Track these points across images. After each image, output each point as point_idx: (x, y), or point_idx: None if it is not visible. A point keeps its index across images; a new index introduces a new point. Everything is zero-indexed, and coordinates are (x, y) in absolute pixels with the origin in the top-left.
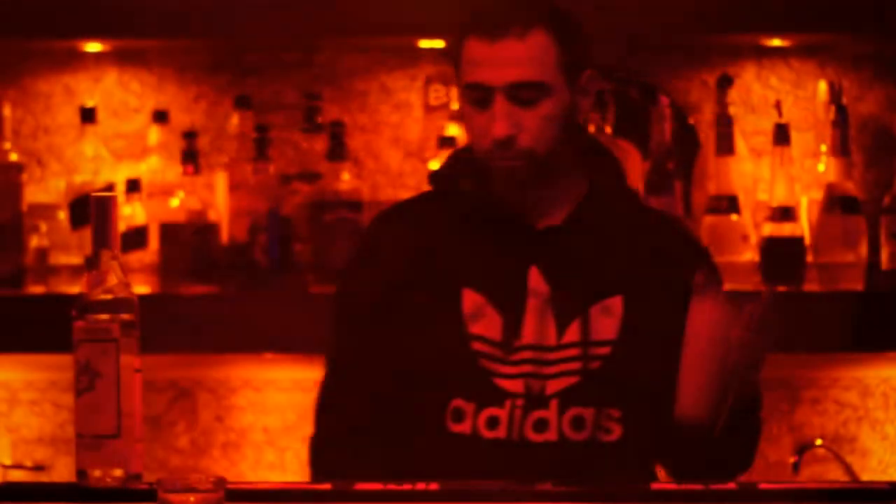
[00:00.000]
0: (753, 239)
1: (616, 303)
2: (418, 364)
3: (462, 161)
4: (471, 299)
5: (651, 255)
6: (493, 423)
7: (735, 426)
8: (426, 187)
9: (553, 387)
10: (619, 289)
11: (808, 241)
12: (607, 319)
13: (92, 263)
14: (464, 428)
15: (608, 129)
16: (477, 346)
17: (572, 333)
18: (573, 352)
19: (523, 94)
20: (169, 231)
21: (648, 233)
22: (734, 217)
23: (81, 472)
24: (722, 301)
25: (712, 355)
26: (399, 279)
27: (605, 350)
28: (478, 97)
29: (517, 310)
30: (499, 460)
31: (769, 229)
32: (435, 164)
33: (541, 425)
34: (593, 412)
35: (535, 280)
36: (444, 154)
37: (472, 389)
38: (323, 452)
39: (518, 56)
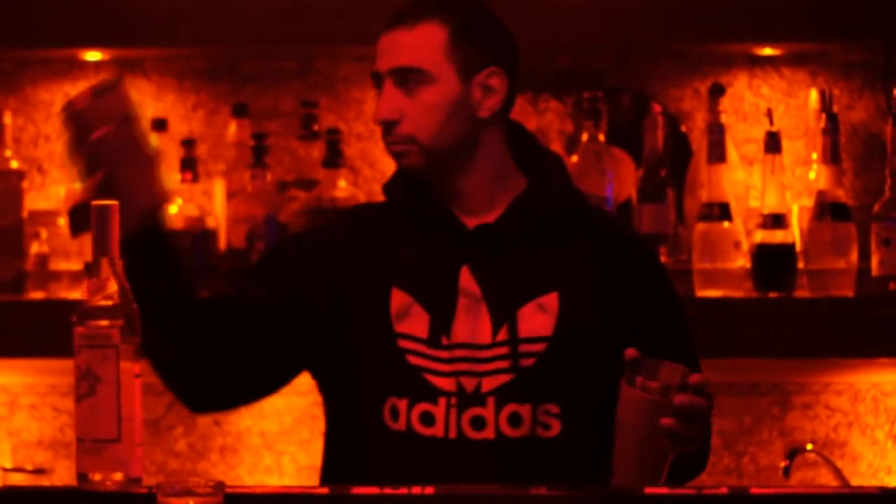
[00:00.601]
0: (745, 246)
1: (551, 300)
2: (353, 363)
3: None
4: (398, 298)
5: (589, 252)
6: (427, 419)
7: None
8: None
9: (488, 384)
10: (554, 286)
11: (799, 247)
12: (542, 316)
13: (92, 270)
14: (399, 426)
15: (601, 137)
16: (403, 343)
17: (505, 331)
18: (505, 349)
19: (404, 79)
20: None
21: (588, 231)
22: (726, 224)
23: (82, 476)
24: (649, 390)
25: (639, 440)
26: (331, 276)
27: (540, 347)
28: (375, 84)
29: (446, 309)
30: (438, 458)
31: (761, 236)
32: None
33: (478, 423)
34: (530, 408)
35: (466, 279)
36: None
37: (403, 387)
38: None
39: (404, 43)
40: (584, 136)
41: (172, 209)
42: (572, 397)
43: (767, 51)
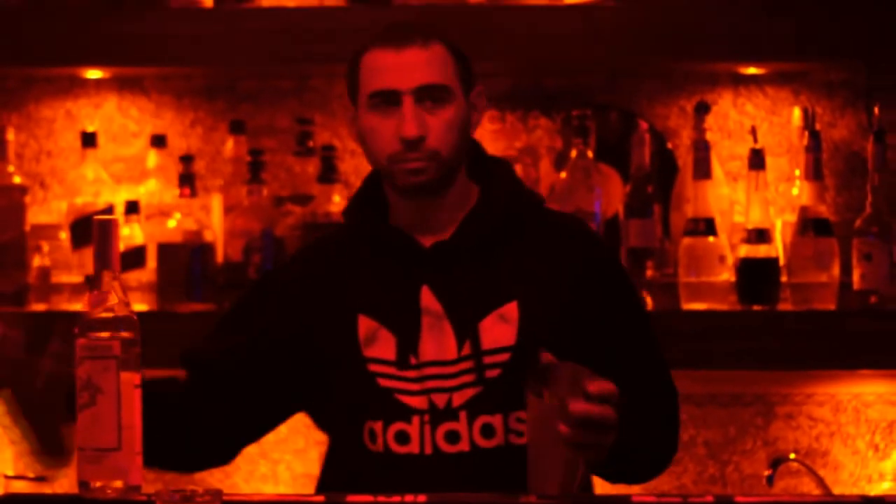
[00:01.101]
0: (730, 260)
1: (511, 309)
2: (329, 392)
3: (360, 197)
4: (365, 325)
5: (546, 255)
6: (402, 438)
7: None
8: None
9: (458, 399)
10: (513, 295)
11: (782, 262)
12: (504, 326)
13: (93, 283)
14: (377, 447)
15: (590, 154)
16: (373, 367)
17: (469, 345)
18: (470, 363)
19: (430, 96)
20: (166, 251)
21: (543, 234)
22: (711, 239)
23: (83, 484)
24: (547, 396)
25: (542, 446)
26: (299, 314)
27: (504, 357)
28: (385, 103)
29: (411, 329)
30: (417, 475)
31: (745, 251)
32: None
33: (452, 437)
34: (501, 418)
35: (427, 299)
36: None
37: (378, 410)
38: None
39: (423, 61)
40: (573, 153)
41: (171, 223)
42: None
43: (751, 70)
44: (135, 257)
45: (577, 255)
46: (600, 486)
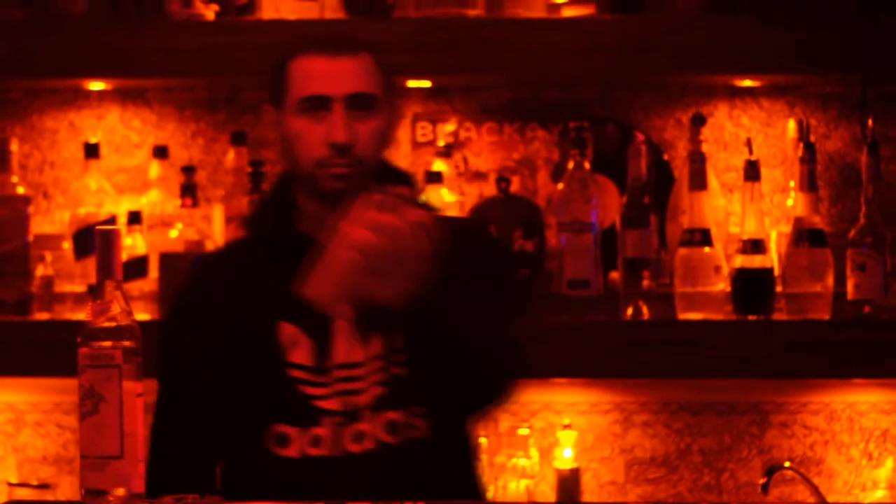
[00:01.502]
0: (725, 270)
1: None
2: (244, 396)
3: (270, 205)
4: (287, 331)
5: (446, 256)
6: (316, 442)
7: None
8: None
9: (365, 399)
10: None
11: (777, 272)
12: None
13: (96, 292)
14: (290, 452)
15: (587, 165)
16: (293, 373)
17: (375, 346)
18: (378, 364)
19: (359, 105)
20: (168, 261)
21: (444, 239)
22: (707, 249)
23: (88, 491)
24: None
25: (334, 250)
26: (219, 320)
27: (405, 356)
28: (315, 108)
29: (326, 334)
30: (329, 477)
31: (740, 261)
32: (422, 198)
33: (359, 437)
34: (402, 414)
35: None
36: (432, 188)
37: (293, 415)
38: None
39: (354, 70)
40: (570, 165)
41: (173, 233)
42: (436, 399)
43: (747, 82)
44: (137, 267)
45: (471, 252)
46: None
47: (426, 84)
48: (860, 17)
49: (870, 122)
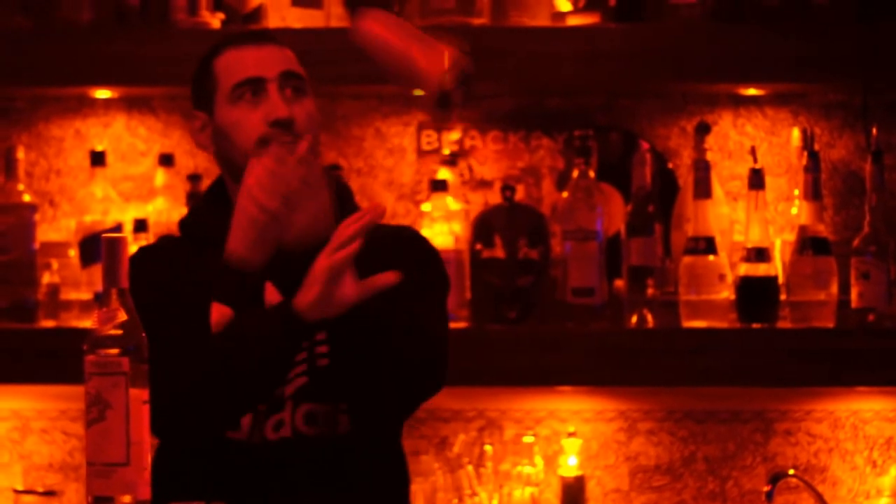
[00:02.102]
0: (730, 278)
1: None
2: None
3: (208, 207)
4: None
5: (376, 254)
6: (237, 427)
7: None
8: (419, 227)
9: (290, 388)
10: None
11: (781, 280)
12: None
13: (102, 300)
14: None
15: (591, 174)
16: None
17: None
18: (304, 354)
19: (292, 85)
20: None
21: (377, 236)
22: (711, 257)
23: (94, 499)
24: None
25: (239, 204)
26: (155, 309)
27: (326, 348)
28: (249, 91)
29: None
30: (242, 460)
31: (744, 269)
32: (427, 207)
33: (278, 425)
34: (325, 408)
35: (271, 294)
36: (437, 196)
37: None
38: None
39: (282, 54)
40: (575, 173)
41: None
42: (358, 395)
43: (751, 91)
44: None
45: (401, 251)
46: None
47: None
48: (861, 25)
49: (874, 130)
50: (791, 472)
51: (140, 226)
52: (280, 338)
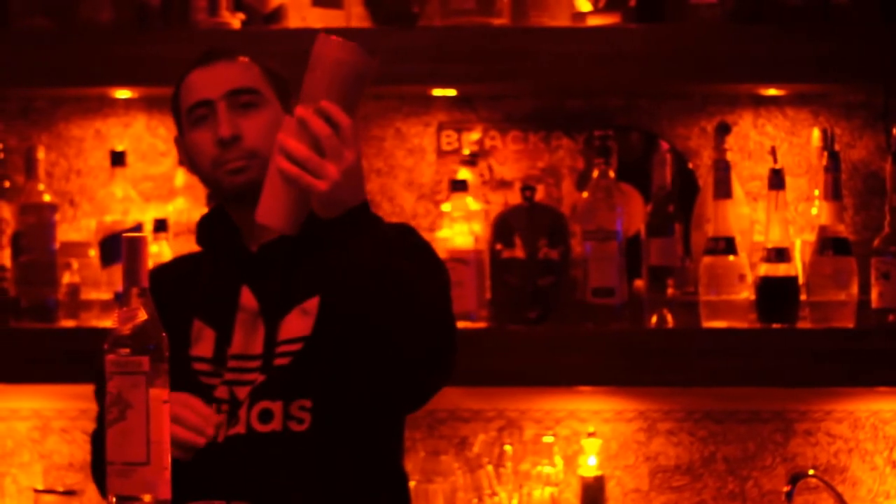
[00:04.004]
0: (750, 278)
1: (313, 303)
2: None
3: (212, 215)
4: (196, 327)
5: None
6: None
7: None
8: (438, 227)
9: (247, 387)
10: (317, 290)
11: (801, 280)
12: (304, 319)
13: (122, 300)
14: None
15: (611, 174)
16: (196, 366)
17: (269, 337)
18: (258, 354)
19: (241, 102)
20: None
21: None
22: (731, 258)
23: (115, 498)
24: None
25: (270, 167)
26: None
27: (297, 346)
28: (201, 115)
29: (228, 327)
30: (204, 458)
31: (765, 269)
32: (447, 207)
33: (234, 422)
34: (282, 405)
35: (246, 297)
36: (456, 196)
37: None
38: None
39: (230, 71)
40: (595, 173)
41: None
42: (325, 393)
43: (771, 91)
44: None
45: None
46: None
47: (451, 92)
48: (882, 25)
49: (894, 130)
50: (811, 472)
51: (160, 226)
52: None
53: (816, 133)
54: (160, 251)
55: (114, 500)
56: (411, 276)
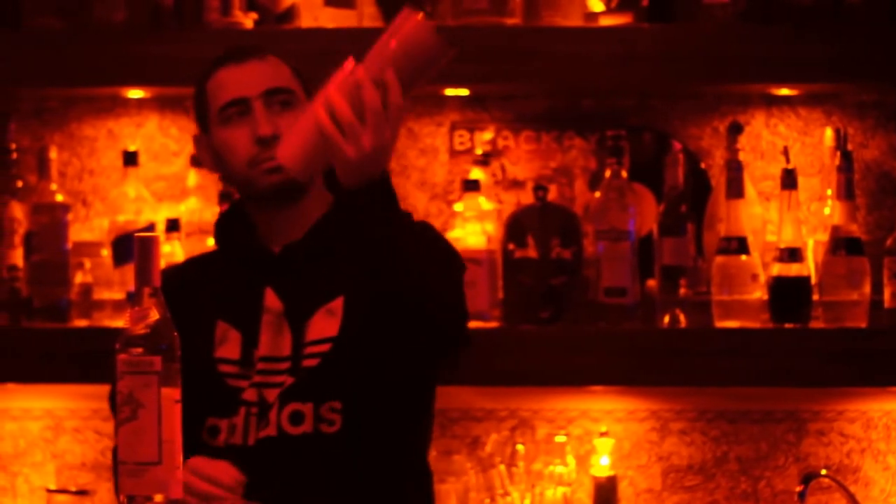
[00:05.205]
0: (762, 278)
1: (338, 304)
2: (186, 394)
3: (229, 215)
4: (221, 329)
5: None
6: (233, 430)
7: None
8: (451, 227)
9: (278, 390)
10: (342, 291)
11: (814, 280)
12: (330, 319)
13: (134, 300)
14: (217, 442)
15: (624, 174)
16: (222, 368)
17: (297, 338)
18: (296, 356)
19: (277, 100)
20: None
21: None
22: (744, 257)
23: (126, 498)
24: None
25: (306, 112)
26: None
27: (325, 347)
28: (236, 112)
29: (253, 329)
30: (238, 464)
31: (777, 269)
32: (460, 206)
33: (265, 425)
34: (312, 406)
35: (270, 298)
36: (469, 196)
37: (222, 408)
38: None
39: (264, 69)
40: (608, 173)
41: (211, 241)
42: (355, 394)
43: (784, 91)
44: None
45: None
46: None
47: (464, 92)
48: (894, 25)
49: None
50: (823, 472)
51: (172, 225)
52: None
53: (829, 133)
54: (172, 251)
55: (125, 499)
56: (420, 249)
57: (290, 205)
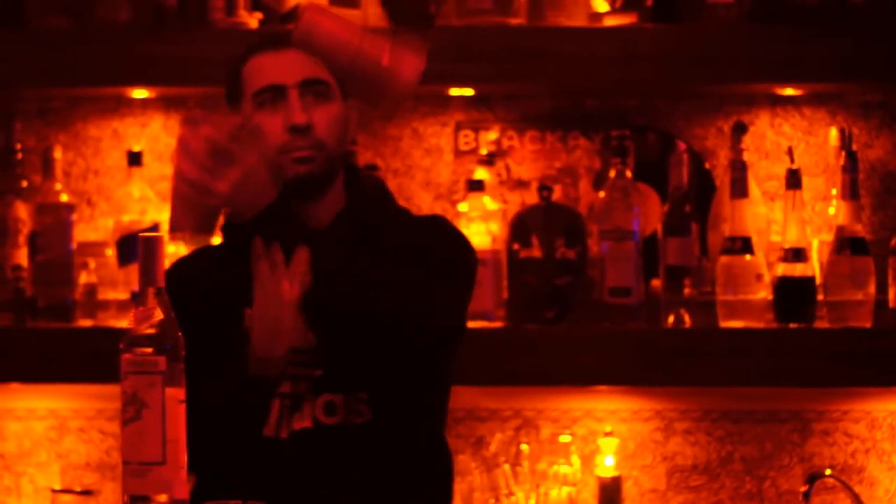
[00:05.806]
0: (767, 278)
1: None
2: (217, 387)
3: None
4: (249, 317)
5: (404, 253)
6: (264, 422)
7: None
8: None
9: (310, 381)
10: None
11: (819, 280)
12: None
13: (139, 299)
14: (255, 434)
15: (628, 174)
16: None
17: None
18: (322, 349)
19: (313, 91)
20: None
21: (405, 231)
22: (748, 257)
23: (131, 498)
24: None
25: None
26: (194, 314)
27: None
28: (271, 100)
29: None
30: (273, 455)
31: (782, 269)
32: (464, 206)
33: (300, 417)
34: (342, 397)
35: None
36: (474, 196)
37: (256, 400)
38: None
39: (302, 59)
40: (612, 173)
41: (215, 240)
42: (380, 385)
43: (788, 91)
44: None
45: (430, 244)
46: None
47: (469, 92)
48: None
49: None
50: (828, 472)
51: None
52: None
53: (834, 132)
54: (177, 251)
55: (129, 499)
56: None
57: (315, 197)
